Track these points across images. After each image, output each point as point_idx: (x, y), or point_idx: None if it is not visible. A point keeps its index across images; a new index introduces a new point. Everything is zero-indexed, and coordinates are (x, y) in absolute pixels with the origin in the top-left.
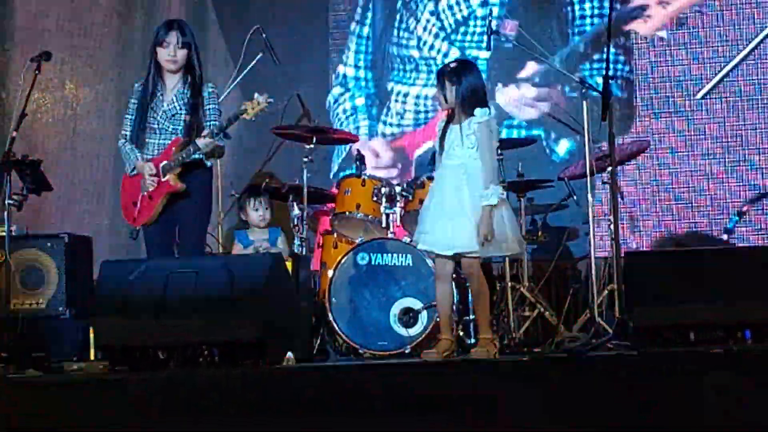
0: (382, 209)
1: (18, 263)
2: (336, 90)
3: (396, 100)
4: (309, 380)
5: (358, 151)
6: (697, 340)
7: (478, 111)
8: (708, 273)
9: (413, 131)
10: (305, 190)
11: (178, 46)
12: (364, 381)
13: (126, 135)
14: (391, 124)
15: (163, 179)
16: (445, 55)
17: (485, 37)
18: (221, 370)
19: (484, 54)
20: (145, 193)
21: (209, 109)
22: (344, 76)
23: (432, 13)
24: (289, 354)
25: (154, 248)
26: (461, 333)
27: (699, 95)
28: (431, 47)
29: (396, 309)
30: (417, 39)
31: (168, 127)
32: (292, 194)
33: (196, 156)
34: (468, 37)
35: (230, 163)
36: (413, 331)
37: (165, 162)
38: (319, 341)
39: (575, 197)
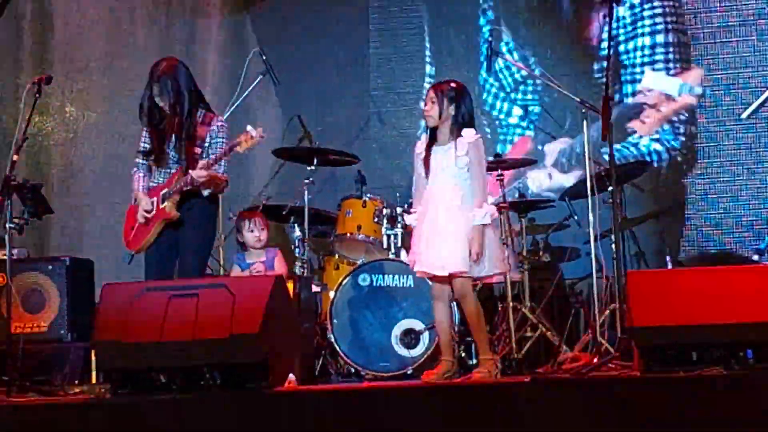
0: (383, 230)
1: (19, 286)
2: None
3: None
4: (311, 402)
5: (359, 172)
6: (699, 360)
7: (466, 131)
8: (710, 292)
9: None
10: (306, 211)
11: (157, 94)
12: (366, 402)
13: (138, 164)
14: None
15: (161, 206)
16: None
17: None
18: (223, 393)
19: None
20: (143, 221)
21: (215, 141)
22: None
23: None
24: (291, 376)
25: (151, 275)
26: (463, 354)
27: (744, 115)
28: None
29: (397, 330)
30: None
31: (174, 157)
32: (293, 216)
33: (196, 185)
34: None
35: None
36: (415, 352)
37: (165, 190)
38: (321, 363)
39: (576, 217)
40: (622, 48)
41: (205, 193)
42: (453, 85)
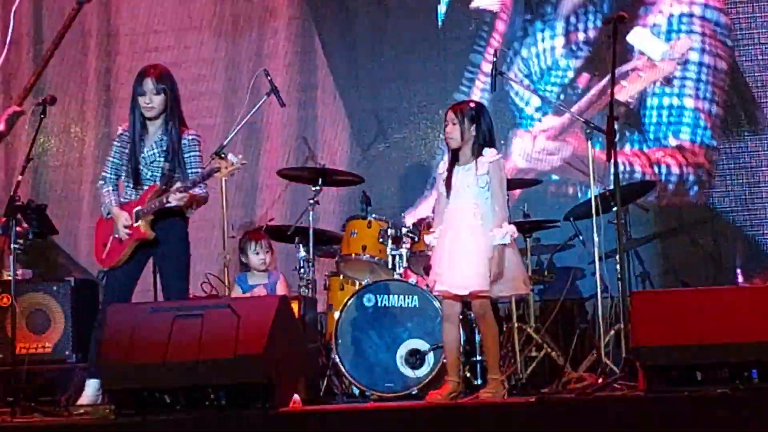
0: (388, 251)
1: (24, 307)
2: None
3: None
4: (316, 423)
5: (364, 192)
6: (704, 379)
7: (487, 150)
8: (715, 312)
9: None
10: (311, 231)
11: (153, 92)
12: (371, 423)
13: (105, 177)
14: None
15: (135, 225)
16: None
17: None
18: (228, 414)
19: None
20: (117, 236)
21: (189, 157)
22: None
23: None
24: (296, 396)
25: (111, 292)
26: (468, 374)
27: None
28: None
29: (403, 350)
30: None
31: (147, 173)
32: (298, 236)
33: (174, 207)
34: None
35: (236, 208)
36: (420, 372)
37: (139, 208)
38: (325, 383)
39: (581, 237)
40: None
41: (188, 213)
42: (472, 104)
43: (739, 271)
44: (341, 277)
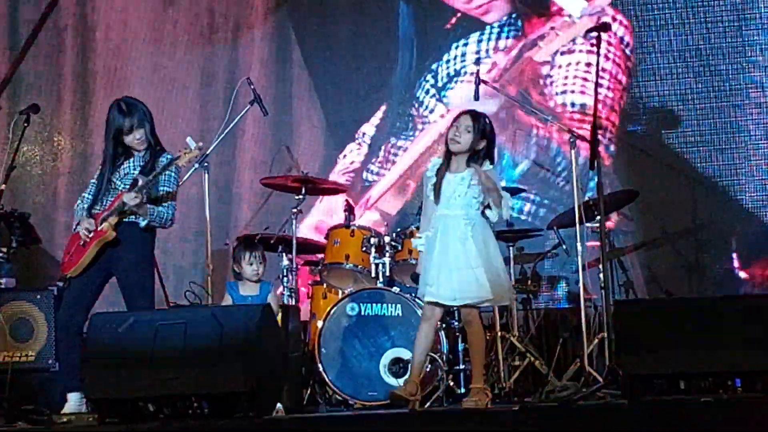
0: (371, 259)
1: (7, 316)
2: None
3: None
4: (299, 430)
5: (347, 201)
6: (687, 388)
7: (485, 163)
8: (698, 321)
9: None
10: (294, 240)
11: (138, 126)
12: (354, 430)
13: (84, 197)
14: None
15: (99, 228)
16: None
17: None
18: (211, 422)
19: None
20: (81, 242)
21: (164, 174)
22: None
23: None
24: (279, 405)
25: (69, 299)
26: (451, 383)
27: None
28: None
29: (386, 359)
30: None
31: (119, 185)
32: (281, 245)
33: (127, 209)
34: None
35: (219, 216)
36: (403, 380)
37: (105, 213)
38: (309, 392)
39: (565, 246)
40: None
41: (142, 224)
42: (489, 120)
43: (734, 255)
44: (324, 285)
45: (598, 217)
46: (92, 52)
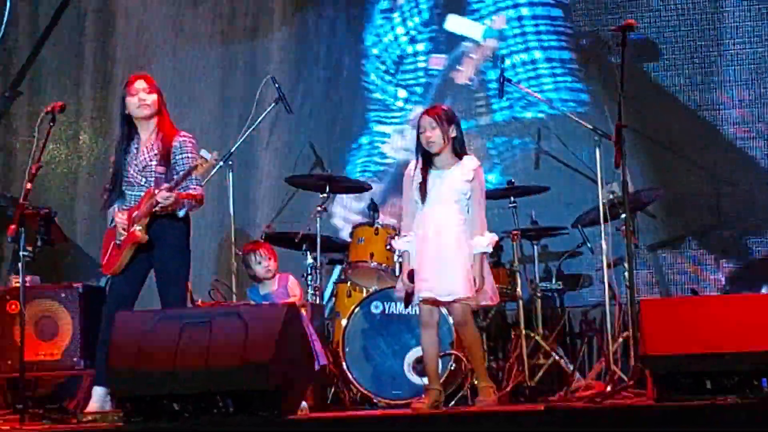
0: (395, 258)
1: (33, 314)
2: None
3: None
4: (324, 430)
5: (372, 200)
6: (713, 388)
7: (468, 158)
8: (724, 320)
9: None
10: (318, 239)
11: (146, 91)
12: (379, 430)
13: (108, 188)
14: None
15: (131, 230)
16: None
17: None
18: (236, 421)
19: None
20: (116, 242)
21: (181, 159)
22: None
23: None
24: (304, 404)
25: (113, 300)
26: (476, 381)
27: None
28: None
29: (410, 358)
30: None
31: (141, 179)
32: (305, 243)
33: (160, 207)
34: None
35: (240, 216)
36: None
37: (135, 213)
38: (333, 391)
39: (589, 244)
40: None
41: (181, 213)
42: (445, 108)
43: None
44: (348, 284)
45: (623, 215)
46: (113, 38)
